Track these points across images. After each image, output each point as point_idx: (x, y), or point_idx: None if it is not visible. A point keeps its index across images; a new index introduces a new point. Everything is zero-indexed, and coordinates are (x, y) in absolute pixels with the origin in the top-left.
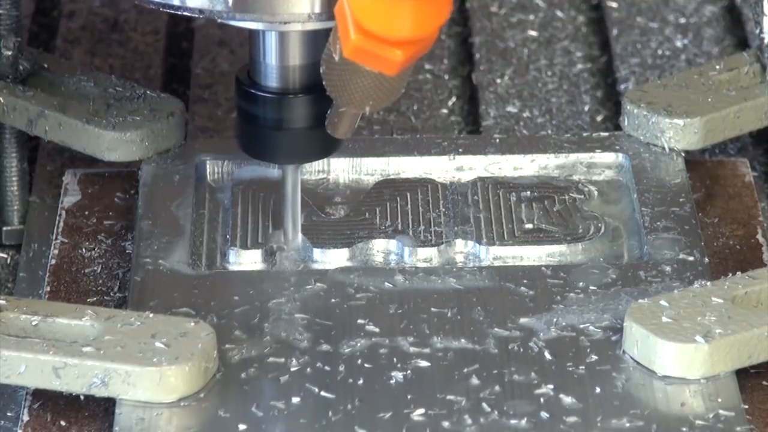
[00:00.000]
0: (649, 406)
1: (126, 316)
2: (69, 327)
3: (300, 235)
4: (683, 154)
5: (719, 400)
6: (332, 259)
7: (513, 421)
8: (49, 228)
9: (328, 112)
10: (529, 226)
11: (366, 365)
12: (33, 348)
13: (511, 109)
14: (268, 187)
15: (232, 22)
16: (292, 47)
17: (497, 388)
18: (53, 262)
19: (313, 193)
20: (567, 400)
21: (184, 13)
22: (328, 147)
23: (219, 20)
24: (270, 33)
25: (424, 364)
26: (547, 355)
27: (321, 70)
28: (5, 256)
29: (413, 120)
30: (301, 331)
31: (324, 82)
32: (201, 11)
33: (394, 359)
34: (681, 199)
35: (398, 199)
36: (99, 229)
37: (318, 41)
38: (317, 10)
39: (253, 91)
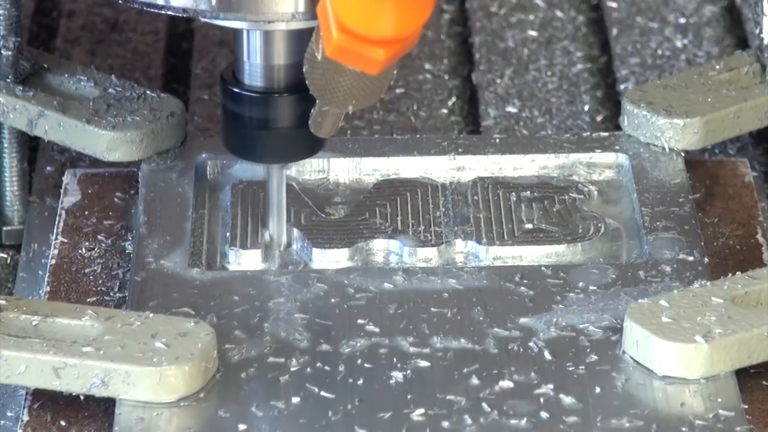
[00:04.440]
0: (649, 406)
1: (126, 316)
2: (69, 327)
3: (285, 235)
4: (683, 154)
5: (719, 400)
6: (332, 259)
7: (513, 421)
8: (49, 228)
9: (312, 111)
10: (529, 226)
11: (366, 365)
12: (33, 348)
13: (511, 109)
14: None
15: (216, 22)
16: (276, 46)
17: (497, 388)
18: (53, 262)
19: (313, 193)
20: (567, 400)
21: (168, 12)
22: (312, 146)
23: (203, 19)
24: (254, 32)
25: (424, 364)
26: (547, 355)
27: (304, 70)
28: (5, 256)
29: (413, 120)
30: (301, 331)
31: (307, 82)
32: (185, 10)
33: (394, 359)
34: (681, 199)
35: (398, 199)
36: (99, 229)
37: (302, 40)
38: (301, 9)
39: (237, 90)
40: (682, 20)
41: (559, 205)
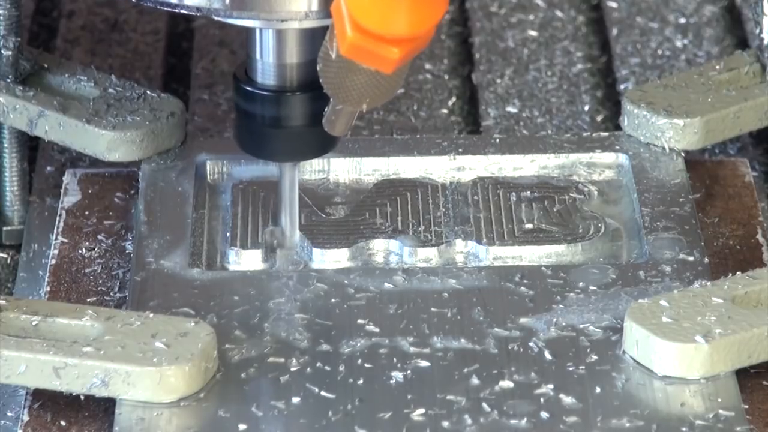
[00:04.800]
0: (649, 406)
1: (126, 316)
2: (69, 327)
3: (297, 233)
4: (683, 154)
5: (719, 400)
6: (332, 259)
7: (513, 421)
8: (49, 228)
9: (325, 110)
10: (529, 226)
11: (366, 365)
12: (33, 348)
13: (511, 109)
14: (268, 186)
15: (230, 20)
16: (289, 45)
17: (497, 388)
18: (53, 262)
19: (313, 193)
20: (567, 400)
21: (182, 11)
22: (325, 145)
23: (216, 18)
24: (267, 31)
25: (424, 364)
26: (547, 355)
27: (318, 68)
28: (5, 256)
29: (413, 120)
30: (301, 331)
31: (321, 80)
32: (198, 9)
33: (394, 359)
34: (681, 199)
35: (398, 199)
36: (99, 229)
37: (315, 39)
38: (314, 7)
39: (250, 89)
40: (682, 20)
41: (559, 205)
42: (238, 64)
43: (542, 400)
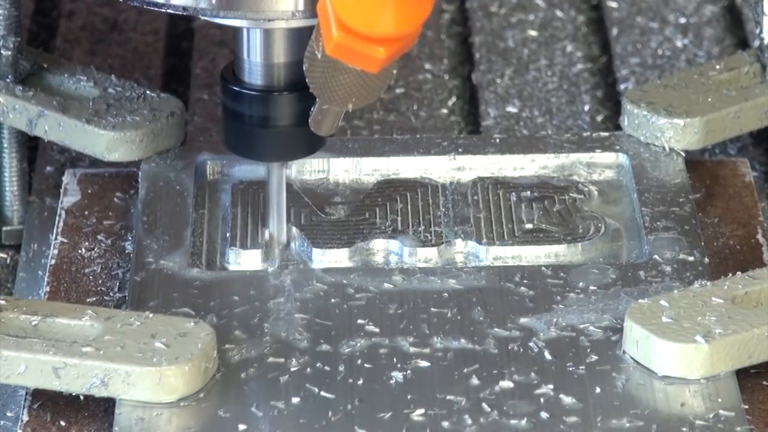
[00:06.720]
0: (649, 406)
1: (126, 316)
2: (69, 327)
3: (285, 233)
4: (683, 154)
5: (719, 400)
6: (332, 259)
7: (513, 421)
8: (48, 228)
9: (312, 109)
10: (529, 226)
11: (366, 365)
12: (33, 348)
13: (511, 109)
14: None
15: (217, 20)
16: (276, 45)
17: (497, 388)
18: (53, 262)
19: (313, 193)
20: (567, 400)
21: (169, 11)
22: (312, 145)
23: (203, 18)
24: (254, 30)
25: (424, 364)
26: (547, 355)
27: (304, 68)
28: (5, 256)
29: (413, 120)
30: (301, 331)
31: (307, 80)
32: (185, 9)
33: (394, 359)
34: (681, 199)
35: (398, 199)
36: (99, 229)
37: (302, 38)
38: (301, 7)
39: (237, 88)
40: (683, 20)
41: (559, 205)
42: (225, 64)
43: (542, 400)
